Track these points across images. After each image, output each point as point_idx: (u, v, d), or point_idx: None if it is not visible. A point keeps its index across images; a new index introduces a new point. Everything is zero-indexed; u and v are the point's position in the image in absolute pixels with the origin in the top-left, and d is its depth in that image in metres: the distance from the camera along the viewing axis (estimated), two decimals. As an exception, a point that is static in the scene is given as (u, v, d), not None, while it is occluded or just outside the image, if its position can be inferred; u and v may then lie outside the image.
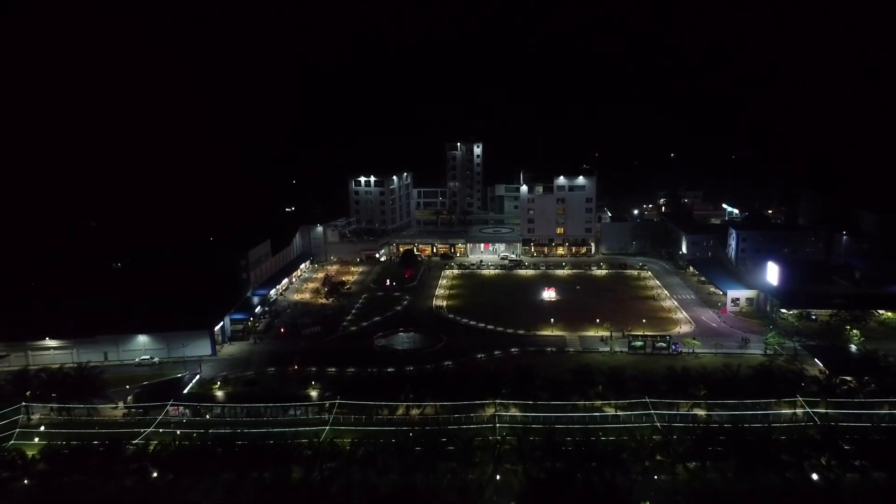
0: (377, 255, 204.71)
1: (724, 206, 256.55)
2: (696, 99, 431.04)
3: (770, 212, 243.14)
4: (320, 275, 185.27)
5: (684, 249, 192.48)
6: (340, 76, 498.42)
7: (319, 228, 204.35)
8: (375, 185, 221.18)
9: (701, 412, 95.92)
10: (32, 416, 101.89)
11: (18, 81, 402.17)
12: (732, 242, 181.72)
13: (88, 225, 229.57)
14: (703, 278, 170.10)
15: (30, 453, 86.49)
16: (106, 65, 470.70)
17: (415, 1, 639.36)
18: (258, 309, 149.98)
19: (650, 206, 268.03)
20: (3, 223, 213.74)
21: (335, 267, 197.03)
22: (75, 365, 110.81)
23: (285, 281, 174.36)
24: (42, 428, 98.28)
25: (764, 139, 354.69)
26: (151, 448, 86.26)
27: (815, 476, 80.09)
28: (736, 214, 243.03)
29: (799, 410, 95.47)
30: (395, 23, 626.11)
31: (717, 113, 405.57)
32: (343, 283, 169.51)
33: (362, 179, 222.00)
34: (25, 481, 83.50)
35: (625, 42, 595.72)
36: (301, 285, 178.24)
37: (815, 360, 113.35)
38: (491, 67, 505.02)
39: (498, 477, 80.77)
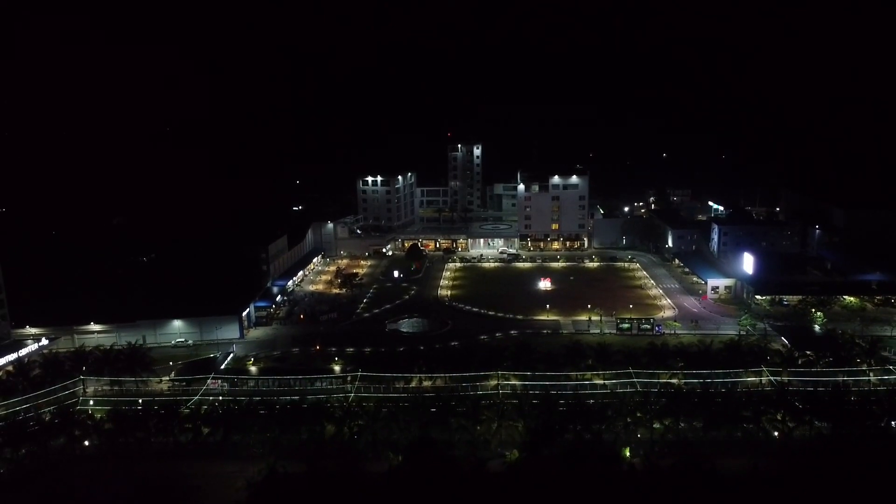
0: (384, 250, 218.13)
1: (711, 203, 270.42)
2: (689, 103, 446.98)
3: (753, 210, 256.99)
4: (332, 268, 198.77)
5: (670, 243, 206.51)
6: (346, 80, 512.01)
7: (330, 225, 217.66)
8: (382, 185, 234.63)
9: (678, 381, 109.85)
10: (88, 389, 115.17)
11: (52, 90, 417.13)
12: (715, 237, 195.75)
13: (114, 222, 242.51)
14: (686, 269, 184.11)
15: (96, 416, 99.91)
16: (132, 72, 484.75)
17: (414, 3, 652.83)
18: (278, 298, 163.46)
19: (641, 203, 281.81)
20: (46, 218, 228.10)
21: (345, 261, 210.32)
22: (126, 345, 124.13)
23: (300, 273, 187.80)
24: (91, 402, 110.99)
25: (749, 141, 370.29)
26: (203, 410, 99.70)
27: (774, 432, 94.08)
28: (721, 211, 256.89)
29: (763, 378, 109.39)
30: (398, 27, 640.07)
31: (709, 115, 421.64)
32: (355, 275, 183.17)
33: (369, 179, 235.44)
34: (86, 442, 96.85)
35: (621, 46, 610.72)
36: (315, 277, 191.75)
37: (782, 338, 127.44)
38: (489, 70, 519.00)
39: (501, 432, 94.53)
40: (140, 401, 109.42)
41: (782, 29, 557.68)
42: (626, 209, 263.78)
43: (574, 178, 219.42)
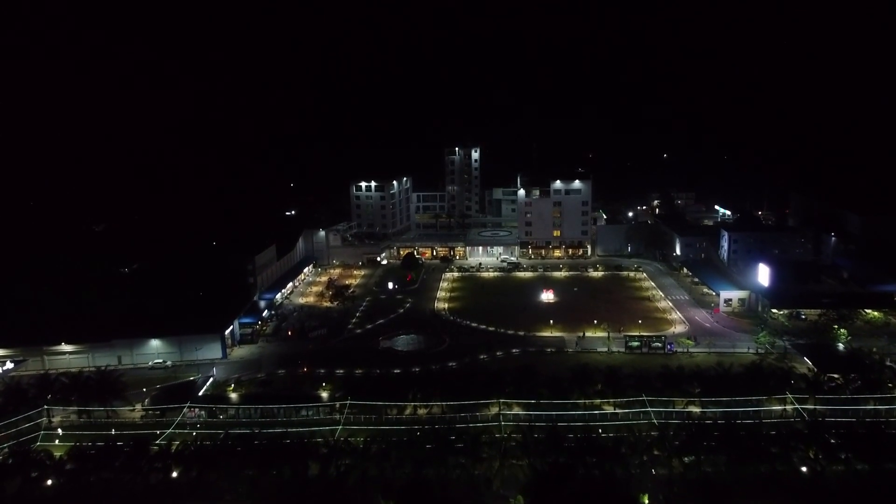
0: (378, 259, 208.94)
1: (717, 207, 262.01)
2: (688, 101, 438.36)
3: (761, 214, 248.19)
4: (323, 278, 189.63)
5: (678, 251, 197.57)
6: (339, 81, 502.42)
7: (322, 233, 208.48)
8: (376, 190, 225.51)
9: (695, 409, 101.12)
10: (53, 419, 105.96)
11: (32, 86, 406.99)
12: (724, 244, 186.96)
13: (94, 229, 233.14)
14: (696, 279, 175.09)
15: (56, 454, 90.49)
16: (116, 72, 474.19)
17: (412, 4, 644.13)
18: (265, 312, 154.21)
19: (644, 207, 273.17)
20: (17, 228, 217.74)
21: (338, 270, 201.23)
22: (94, 369, 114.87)
23: (290, 285, 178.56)
24: (59, 431, 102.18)
25: (753, 140, 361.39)
26: (174, 447, 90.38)
27: (802, 468, 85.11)
28: (728, 216, 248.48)
29: (788, 407, 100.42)
30: (393, 26, 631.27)
31: (709, 114, 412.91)
32: (347, 287, 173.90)
33: (363, 184, 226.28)
34: (49, 482, 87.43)
35: (617, 43, 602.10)
36: (305, 289, 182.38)
37: (804, 358, 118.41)
38: (487, 71, 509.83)
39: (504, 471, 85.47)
40: (113, 431, 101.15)
41: (789, 21, 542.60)
42: (630, 214, 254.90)
43: (576, 183, 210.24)
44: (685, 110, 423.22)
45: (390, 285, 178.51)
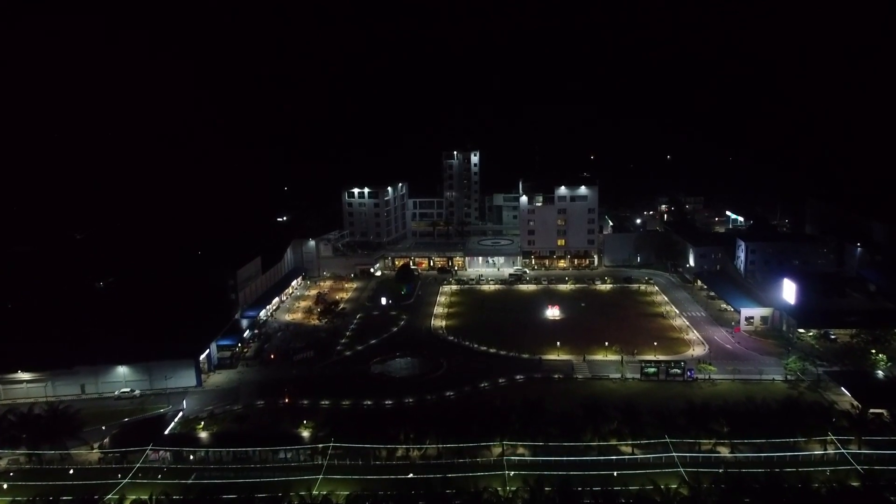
0: (372, 270, 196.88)
1: (728, 213, 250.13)
2: (693, 100, 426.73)
3: (776, 222, 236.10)
4: (313, 292, 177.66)
5: (691, 262, 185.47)
6: (335, 82, 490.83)
7: (311, 243, 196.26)
8: (370, 197, 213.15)
9: (725, 451, 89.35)
10: None
11: (8, 83, 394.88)
12: (741, 254, 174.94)
13: (74, 237, 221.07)
14: (712, 293, 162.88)
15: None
16: (100, 73, 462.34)
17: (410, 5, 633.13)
18: (247, 333, 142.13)
19: (651, 212, 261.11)
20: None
21: (328, 283, 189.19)
22: (47, 404, 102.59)
23: (276, 300, 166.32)
24: (11, 475, 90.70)
25: (763, 143, 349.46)
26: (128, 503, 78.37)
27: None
28: (740, 222, 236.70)
29: (830, 450, 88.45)
30: (389, 29, 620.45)
31: (713, 114, 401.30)
32: (337, 303, 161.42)
33: (356, 191, 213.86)
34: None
35: (620, 40, 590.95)
36: (293, 304, 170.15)
37: (842, 388, 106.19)
38: (487, 72, 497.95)
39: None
40: (71, 471, 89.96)
41: (806, 21, 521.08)
42: (638, 221, 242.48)
43: (582, 189, 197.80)
44: (686, 110, 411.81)
45: (383, 300, 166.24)
